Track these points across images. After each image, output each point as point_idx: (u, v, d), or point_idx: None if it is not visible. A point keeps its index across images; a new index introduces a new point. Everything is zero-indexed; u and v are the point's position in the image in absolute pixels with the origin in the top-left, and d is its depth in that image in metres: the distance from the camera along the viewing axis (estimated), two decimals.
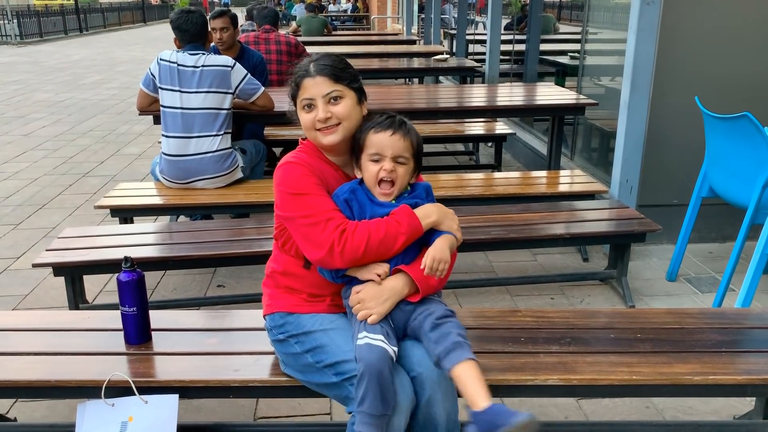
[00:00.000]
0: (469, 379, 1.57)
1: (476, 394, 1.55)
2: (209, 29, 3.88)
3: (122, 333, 1.99)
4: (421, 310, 1.71)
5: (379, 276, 1.69)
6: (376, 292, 1.68)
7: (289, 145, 5.50)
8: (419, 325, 1.69)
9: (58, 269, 2.84)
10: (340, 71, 1.75)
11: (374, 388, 1.56)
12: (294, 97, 1.79)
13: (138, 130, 7.57)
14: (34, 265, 2.78)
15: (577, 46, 5.17)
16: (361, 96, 1.80)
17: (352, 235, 1.65)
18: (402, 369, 1.67)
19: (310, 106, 1.74)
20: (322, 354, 1.72)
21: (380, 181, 1.74)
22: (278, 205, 1.75)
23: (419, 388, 1.65)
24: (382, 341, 1.62)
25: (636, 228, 3.18)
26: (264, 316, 1.89)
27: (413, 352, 1.69)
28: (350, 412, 1.66)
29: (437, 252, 1.70)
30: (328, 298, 1.82)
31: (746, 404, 2.41)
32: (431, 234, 1.74)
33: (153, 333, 2.02)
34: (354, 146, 1.78)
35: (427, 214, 1.73)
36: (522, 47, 6.75)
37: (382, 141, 1.73)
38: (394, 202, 1.75)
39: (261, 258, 2.59)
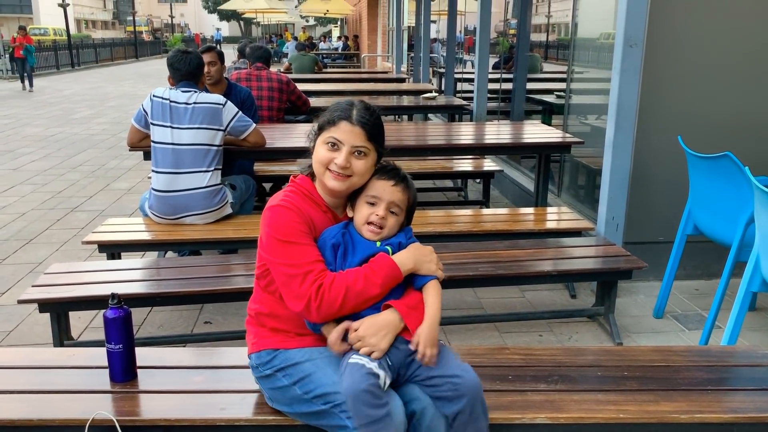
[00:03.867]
0: None
1: None
2: (204, 71, 3.94)
3: (107, 370, 1.97)
4: (428, 372, 1.69)
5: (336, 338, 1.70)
6: (375, 328, 1.68)
7: (279, 180, 5.53)
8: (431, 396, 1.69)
9: (44, 305, 2.82)
10: (376, 131, 1.79)
11: (359, 406, 1.58)
12: (321, 128, 1.79)
13: (127, 165, 7.58)
14: (20, 302, 2.76)
15: (563, 86, 5.28)
16: (380, 159, 1.83)
17: (329, 290, 1.66)
18: (395, 393, 1.68)
19: (334, 145, 1.75)
20: (310, 384, 1.72)
21: (369, 223, 1.77)
22: (264, 248, 1.76)
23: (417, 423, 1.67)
24: (368, 361, 1.63)
25: (622, 265, 3.21)
26: (249, 355, 1.87)
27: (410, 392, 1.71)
28: None
29: (429, 336, 1.69)
30: (316, 334, 1.82)
31: None
32: (413, 276, 1.77)
33: (139, 370, 2.01)
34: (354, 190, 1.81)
35: (404, 261, 1.74)
36: (509, 86, 6.87)
37: (383, 187, 1.78)
38: (379, 244, 1.77)
39: (248, 294, 2.57)
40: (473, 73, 7.14)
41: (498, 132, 5.09)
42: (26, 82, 17.53)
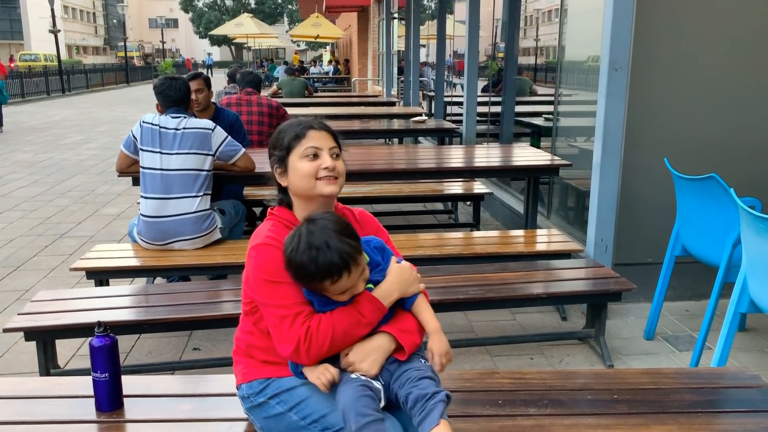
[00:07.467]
0: None
1: None
2: (192, 97, 3.95)
3: (94, 400, 1.95)
4: (405, 372, 1.68)
5: (323, 384, 1.65)
6: (364, 354, 1.67)
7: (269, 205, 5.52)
8: (402, 388, 1.66)
9: (30, 334, 2.79)
10: (336, 135, 1.83)
11: (354, 411, 1.55)
12: (289, 148, 1.76)
13: (117, 191, 7.56)
14: (5, 330, 2.73)
15: (550, 108, 5.33)
16: None
17: (316, 332, 1.63)
18: (393, 417, 1.65)
19: (315, 155, 1.75)
20: (306, 408, 1.69)
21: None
22: (252, 288, 1.71)
23: None
24: (364, 376, 1.64)
25: (611, 287, 3.22)
26: (239, 386, 1.83)
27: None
28: None
29: (440, 346, 1.74)
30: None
31: None
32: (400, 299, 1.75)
33: (125, 399, 1.98)
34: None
35: (388, 294, 1.71)
36: (498, 109, 6.93)
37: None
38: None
39: (237, 321, 2.56)
40: (462, 96, 7.20)
41: (487, 155, 5.12)
42: None
